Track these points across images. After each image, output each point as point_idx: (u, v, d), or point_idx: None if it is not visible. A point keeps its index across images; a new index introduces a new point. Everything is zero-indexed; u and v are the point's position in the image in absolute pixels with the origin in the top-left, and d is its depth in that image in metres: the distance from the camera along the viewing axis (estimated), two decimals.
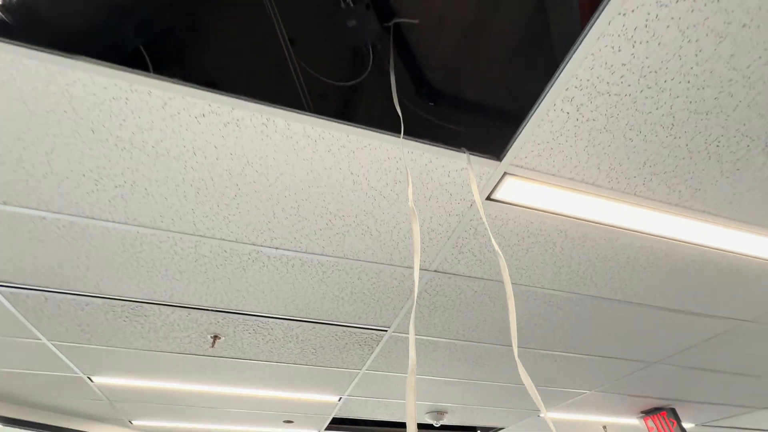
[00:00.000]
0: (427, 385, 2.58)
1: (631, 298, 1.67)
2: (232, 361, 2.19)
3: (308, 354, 2.13)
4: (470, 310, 1.74)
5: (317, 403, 2.91)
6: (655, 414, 3.07)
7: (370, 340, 1.99)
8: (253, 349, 2.06)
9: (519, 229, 1.29)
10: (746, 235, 1.30)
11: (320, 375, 2.41)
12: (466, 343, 2.03)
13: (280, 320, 1.80)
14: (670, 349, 2.11)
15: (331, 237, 1.31)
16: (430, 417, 3.16)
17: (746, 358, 2.24)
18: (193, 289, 1.57)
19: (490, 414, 3.21)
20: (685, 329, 1.92)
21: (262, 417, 3.24)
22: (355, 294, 1.62)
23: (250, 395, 2.73)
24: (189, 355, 2.11)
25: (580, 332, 1.94)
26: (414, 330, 1.05)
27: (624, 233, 1.30)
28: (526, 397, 2.83)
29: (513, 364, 2.28)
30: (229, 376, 2.41)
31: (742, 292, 1.62)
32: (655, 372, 2.41)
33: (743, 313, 1.78)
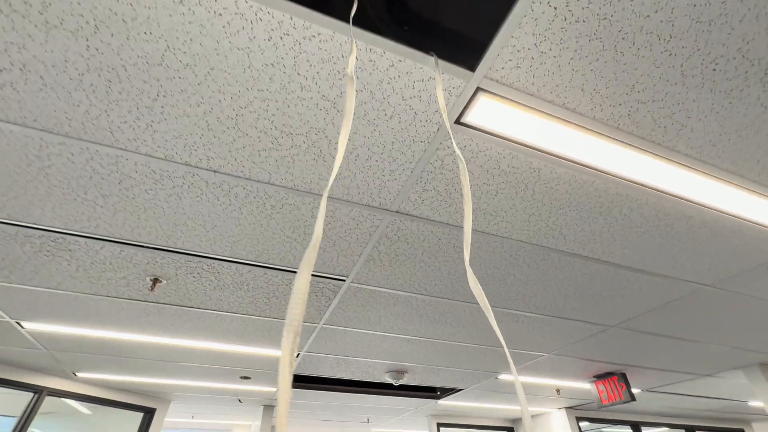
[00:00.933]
0: (388, 342, 2.52)
1: (599, 255, 1.61)
2: (176, 309, 2.03)
3: (261, 304, 2.00)
4: (433, 260, 1.64)
5: (275, 359, 2.82)
6: (607, 378, 3.17)
7: (327, 291, 1.88)
8: (200, 296, 1.90)
9: (490, 164, 1.17)
10: (723, 187, 1.23)
11: (276, 328, 2.30)
12: (428, 298, 1.95)
13: (227, 263, 1.64)
14: (630, 312, 2.11)
15: (278, 160, 1.14)
16: (390, 376, 3.14)
17: (698, 325, 2.28)
18: (122, 220, 1.38)
19: (450, 375, 3.23)
20: (646, 292, 1.90)
21: (218, 372, 3.13)
22: (309, 235, 1.47)
23: (202, 348, 2.59)
24: (127, 300, 1.93)
25: (545, 291, 1.89)
26: (326, 200, 0.89)
27: (600, 177, 1.20)
28: (487, 359, 2.84)
29: (476, 323, 2.24)
30: (176, 327, 2.25)
31: (708, 252, 1.58)
32: (612, 336, 2.43)
33: (704, 277, 1.77)
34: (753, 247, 1.55)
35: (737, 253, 1.58)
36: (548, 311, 2.10)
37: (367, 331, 2.33)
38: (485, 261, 1.65)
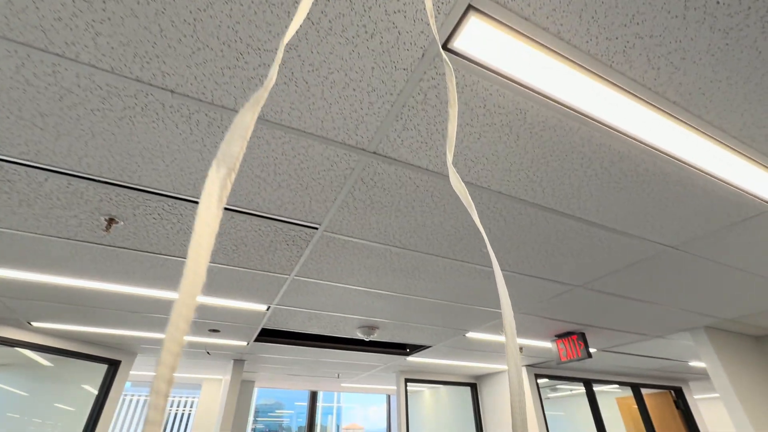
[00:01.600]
0: (360, 297, 2.52)
1: (575, 211, 1.60)
2: (137, 254, 1.91)
3: (229, 252, 1.92)
4: (410, 210, 1.59)
5: (244, 312, 2.78)
6: (567, 337, 3.34)
7: (299, 240, 1.81)
8: (162, 240, 1.79)
9: (475, 102, 1.09)
10: (704, 143, 1.22)
11: (245, 279, 2.23)
12: (402, 251, 1.92)
13: (190, 203, 1.53)
14: (596, 272, 2.17)
15: (245, 82, 1.03)
16: (361, 332, 3.18)
17: (657, 288, 2.39)
18: (67, 146, 1.23)
19: (420, 332, 3.31)
20: (614, 252, 1.95)
21: None
22: (280, 175, 1.38)
23: (168, 299, 2.50)
24: (82, 242, 1.80)
25: (518, 248, 1.90)
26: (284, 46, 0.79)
27: (586, 124, 1.16)
28: (457, 316, 2.90)
29: (449, 279, 2.25)
30: (138, 274, 2.14)
31: (678, 213, 1.61)
32: (577, 296, 2.52)
33: (670, 238, 1.82)
34: (719, 209, 1.59)
35: (704, 214, 1.62)
36: (520, 269, 2.13)
37: (339, 284, 2.30)
38: (459, 212, 1.62)
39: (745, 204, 1.56)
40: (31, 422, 3.52)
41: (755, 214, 1.62)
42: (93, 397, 3.78)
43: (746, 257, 2.02)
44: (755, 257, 2.02)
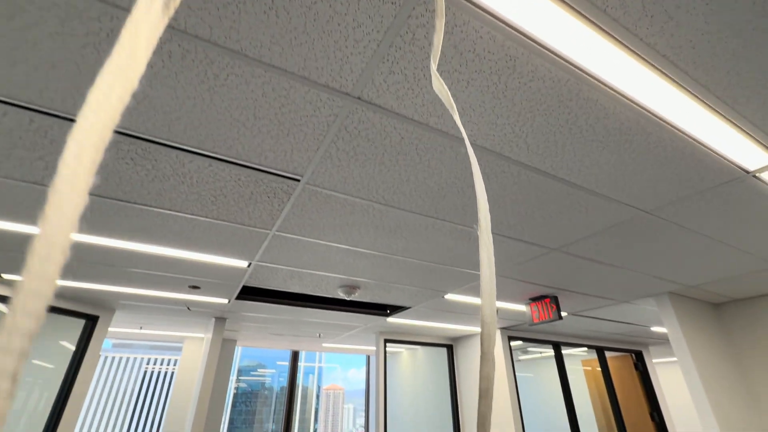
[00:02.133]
0: (342, 255, 2.53)
1: (557, 171, 1.62)
2: (111, 202, 1.84)
3: (207, 204, 1.87)
4: (394, 164, 1.57)
5: (225, 268, 2.76)
6: (540, 300, 3.49)
7: (281, 192, 1.77)
8: (136, 188, 1.72)
9: (464, 45, 1.05)
10: (688, 101, 1.23)
11: (225, 233, 2.20)
12: (385, 208, 1.92)
13: (163, 147, 1.46)
14: (572, 236, 2.23)
15: (221, 10, 0.95)
16: (343, 291, 3.23)
17: (628, 253, 2.49)
18: (25, 76, 1.14)
19: (400, 292, 3.38)
20: (591, 215, 1.99)
21: (164, 281, 3.04)
22: (260, 120, 1.32)
23: (145, 252, 2.45)
24: (44, 186, 1.71)
25: (499, 208, 1.92)
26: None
27: (575, 76, 1.14)
28: (437, 277, 2.97)
29: (430, 239, 2.28)
30: (113, 225, 2.08)
31: (655, 176, 1.65)
32: (552, 259, 2.60)
33: (646, 202, 1.87)
34: (695, 173, 1.63)
35: (680, 178, 1.66)
36: (499, 230, 2.16)
37: (321, 241, 2.30)
38: (443, 169, 1.60)
39: (719, 169, 1.60)
40: None
41: (728, 180, 1.67)
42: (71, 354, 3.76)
43: (714, 224, 2.10)
44: (722, 225, 2.11)
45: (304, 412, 48.96)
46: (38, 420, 3.45)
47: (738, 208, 1.93)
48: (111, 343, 34.34)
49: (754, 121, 1.32)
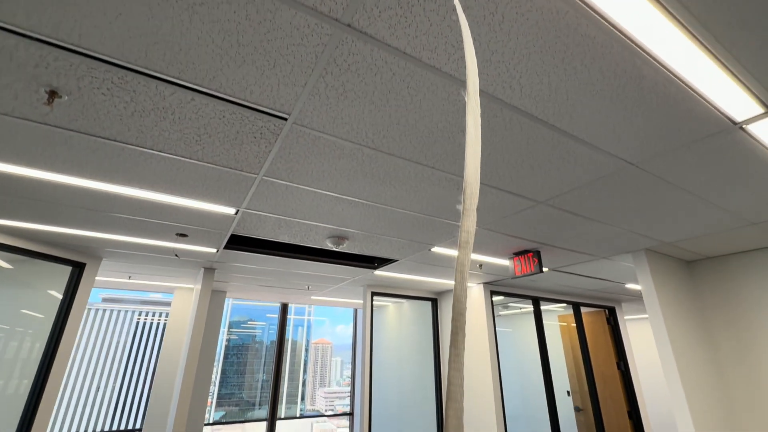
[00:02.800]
0: (331, 204, 2.53)
1: (549, 116, 1.60)
2: (89, 139, 1.77)
3: (192, 143, 1.81)
4: (384, 103, 1.53)
5: (212, 215, 2.74)
6: (523, 255, 3.60)
7: (267, 133, 1.72)
8: (115, 123, 1.65)
9: None
10: (685, 41, 1.20)
11: (211, 177, 2.16)
12: (374, 153, 1.89)
13: (141, 76, 1.39)
14: (559, 188, 2.26)
15: None
16: (331, 242, 3.26)
17: (611, 207, 2.54)
18: None
19: (388, 244, 3.44)
20: (579, 166, 2.01)
21: (150, 227, 3.01)
22: (244, 47, 1.25)
23: (129, 196, 2.40)
24: (22, 120, 1.63)
25: (489, 156, 1.91)
26: None
27: (574, 7, 1.10)
28: (425, 229, 3.01)
29: (419, 188, 2.28)
30: (94, 165, 2.01)
31: (645, 125, 1.65)
32: (538, 213, 2.65)
33: (633, 154, 1.88)
34: (685, 123, 1.63)
35: (669, 128, 1.66)
36: (488, 180, 2.17)
37: (310, 188, 2.28)
38: (435, 111, 1.57)
39: (708, 120, 1.60)
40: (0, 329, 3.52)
41: (716, 132, 1.68)
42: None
43: (696, 180, 2.15)
44: (704, 180, 2.16)
45: (293, 364, 51.98)
46: (30, 368, 3.51)
47: (721, 163, 1.96)
48: (101, 298, 34.67)
49: (748, 66, 1.31)
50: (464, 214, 0.29)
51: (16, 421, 3.26)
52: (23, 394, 3.39)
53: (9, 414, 3.29)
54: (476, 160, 0.29)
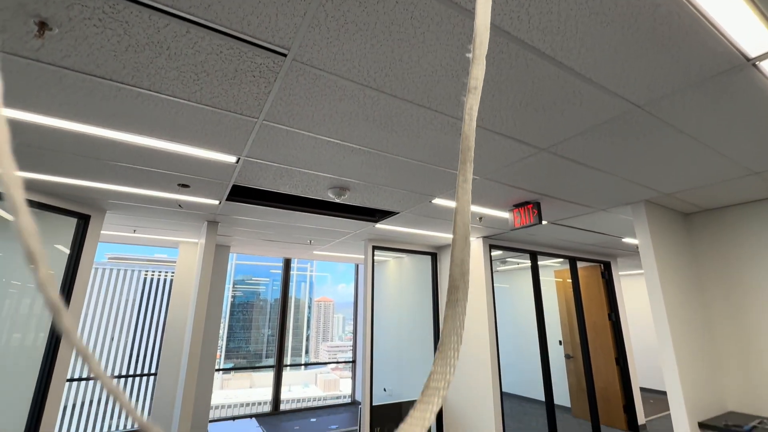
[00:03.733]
0: (332, 152, 2.51)
1: (557, 52, 1.55)
2: (83, 78, 1.73)
3: (189, 83, 1.77)
4: (387, 37, 1.47)
5: (213, 164, 2.74)
6: (523, 207, 3.63)
7: (266, 71, 1.68)
8: (109, 60, 1.61)
9: None
10: None
11: (211, 122, 2.13)
12: (376, 95, 1.85)
13: (134, 4, 1.33)
14: (563, 133, 2.24)
15: None
16: (333, 193, 3.28)
17: (613, 154, 2.53)
18: None
19: (389, 196, 3.46)
20: (584, 109, 1.97)
21: (152, 177, 3.02)
22: None
23: (128, 143, 2.39)
24: (12, 55, 1.58)
25: (493, 98, 1.88)
26: None
27: None
28: (426, 179, 3.02)
29: (422, 134, 2.26)
30: (89, 108, 1.98)
31: (654, 62, 1.60)
32: (539, 161, 2.64)
33: (640, 95, 1.85)
34: (695, 59, 1.58)
35: (680, 64, 1.62)
36: (491, 125, 2.14)
37: (311, 134, 2.26)
38: (439, 46, 1.52)
39: (721, 55, 1.56)
40: (11, 285, 3.62)
41: (727, 69, 1.64)
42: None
43: (702, 124, 2.12)
44: (710, 125, 2.13)
45: (297, 320, 54.65)
46: (45, 323, 3.65)
47: (728, 105, 1.93)
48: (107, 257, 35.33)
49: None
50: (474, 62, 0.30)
51: (37, 368, 3.46)
52: (41, 346, 3.55)
53: (30, 362, 3.48)
54: (487, 7, 0.30)
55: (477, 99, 0.29)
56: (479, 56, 0.30)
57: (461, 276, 0.28)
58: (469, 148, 0.28)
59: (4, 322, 3.51)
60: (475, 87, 0.29)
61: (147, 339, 20.80)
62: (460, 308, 0.27)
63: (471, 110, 0.29)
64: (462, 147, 0.28)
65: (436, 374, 0.26)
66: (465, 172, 0.28)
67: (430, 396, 0.26)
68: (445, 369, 0.27)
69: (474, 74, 0.30)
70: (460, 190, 0.29)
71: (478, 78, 0.30)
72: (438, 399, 0.26)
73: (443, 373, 0.27)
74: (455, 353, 0.27)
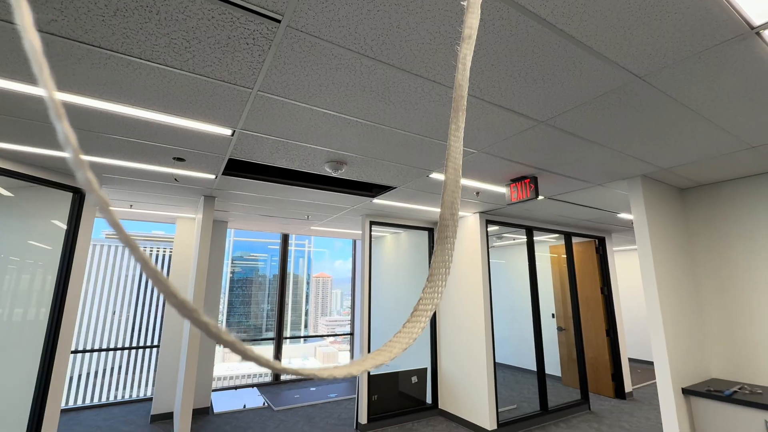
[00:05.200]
0: (329, 124, 2.48)
1: (557, 19, 1.51)
2: (70, 44, 1.67)
3: (181, 50, 1.72)
4: (383, 1, 1.43)
5: (208, 137, 2.70)
6: (520, 181, 3.63)
7: (260, 38, 1.63)
8: (97, 25, 1.55)
9: None
10: None
11: (205, 92, 2.09)
12: (373, 63, 1.82)
13: None
14: (562, 105, 2.21)
15: None
16: (330, 167, 3.27)
17: (613, 127, 2.52)
18: None
19: (386, 170, 3.45)
20: (584, 79, 1.95)
21: (146, 150, 2.98)
22: None
23: (120, 114, 2.34)
24: None
25: (492, 68, 1.84)
26: None
27: None
28: (424, 154, 3.00)
29: (419, 106, 2.23)
30: (78, 76, 1.93)
31: (656, 30, 1.57)
32: (538, 134, 2.63)
33: (641, 65, 1.82)
34: (699, 27, 1.55)
35: (683, 32, 1.59)
36: (491, 97, 2.12)
37: (307, 105, 2.23)
38: (439, 13, 1.48)
39: (724, 23, 1.52)
40: (9, 260, 3.62)
41: (730, 38, 1.61)
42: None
43: (702, 96, 2.10)
44: (709, 97, 2.11)
45: (296, 296, 55.67)
46: (46, 298, 3.67)
47: (729, 76, 1.91)
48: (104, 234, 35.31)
49: None
50: (468, 9, 0.29)
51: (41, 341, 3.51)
52: (43, 321, 3.58)
53: (34, 336, 3.54)
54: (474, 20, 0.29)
55: (471, 48, 0.29)
56: (474, 3, 0.30)
57: (451, 216, 0.29)
58: (462, 97, 0.29)
59: (5, 297, 3.54)
60: (469, 36, 0.29)
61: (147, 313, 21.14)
62: (449, 244, 0.29)
63: (465, 59, 0.29)
64: (455, 95, 0.29)
65: (424, 299, 0.28)
66: (457, 120, 0.29)
67: (418, 316, 0.29)
68: (434, 295, 0.28)
69: (468, 23, 0.30)
70: (452, 138, 0.29)
71: (472, 27, 0.30)
72: (425, 318, 0.28)
73: (431, 298, 0.28)
74: (443, 282, 0.28)
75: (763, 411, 2.84)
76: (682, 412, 3.21)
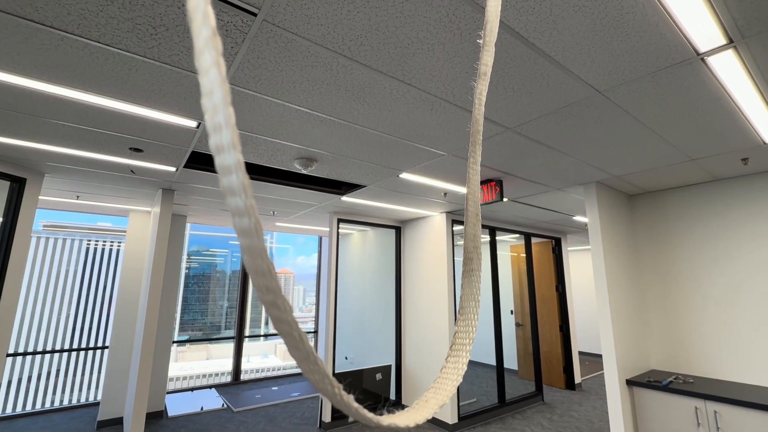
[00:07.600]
0: (301, 121, 2.43)
1: (529, 33, 1.58)
2: (18, 22, 1.52)
3: (146, 37, 1.62)
4: (364, 2, 1.42)
5: (170, 128, 2.56)
6: (487, 184, 3.76)
7: (234, 30, 1.57)
8: (50, 2, 1.42)
9: None
10: None
11: (169, 82, 1.97)
12: (349, 63, 1.80)
13: None
14: (528, 114, 2.31)
15: None
16: (299, 163, 3.21)
17: (573, 137, 2.67)
18: None
19: (357, 169, 3.44)
20: (551, 91, 2.05)
21: (99, 139, 2.77)
22: None
23: (71, 99, 2.16)
24: None
25: (466, 75, 1.89)
26: None
27: None
28: (395, 154, 3.02)
29: (392, 107, 2.24)
30: (23, 55, 1.76)
31: (619, 49, 1.68)
32: (505, 140, 2.73)
33: (602, 81, 1.94)
34: (653, 50, 1.68)
35: (640, 53, 1.71)
36: (462, 102, 2.17)
37: (279, 101, 2.17)
38: (418, 14, 1.50)
39: (675, 48, 1.66)
40: None
41: (679, 61, 1.76)
42: None
43: (652, 112, 2.28)
44: (659, 113, 2.30)
45: (256, 292, 54.29)
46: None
47: (676, 96, 2.08)
48: (41, 225, 32.34)
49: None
50: (484, 48, 0.31)
51: None
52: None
53: None
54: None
55: (486, 84, 0.31)
56: (489, 42, 0.31)
57: (474, 249, 0.30)
58: (479, 132, 0.30)
59: None
60: (485, 73, 0.31)
61: (93, 311, 19.69)
62: (475, 277, 0.30)
63: (480, 95, 0.30)
64: (472, 131, 0.30)
65: (460, 333, 0.29)
66: (475, 154, 0.30)
67: (458, 351, 0.30)
68: (468, 328, 0.30)
69: (484, 60, 0.31)
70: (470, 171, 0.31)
71: (487, 64, 0.31)
72: (465, 352, 0.29)
73: (467, 332, 0.30)
74: (475, 315, 0.30)
75: (694, 398, 3.15)
76: (626, 401, 3.49)
